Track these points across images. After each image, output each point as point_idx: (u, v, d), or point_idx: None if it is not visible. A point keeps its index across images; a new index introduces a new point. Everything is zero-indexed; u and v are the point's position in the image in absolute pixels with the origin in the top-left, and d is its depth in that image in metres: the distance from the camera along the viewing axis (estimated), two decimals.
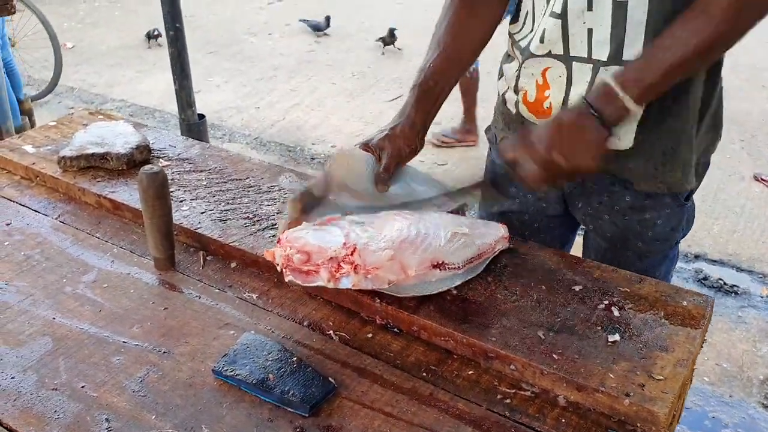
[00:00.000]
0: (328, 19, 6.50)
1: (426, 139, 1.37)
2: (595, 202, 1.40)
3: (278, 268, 1.13)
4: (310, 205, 1.24)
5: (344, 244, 1.09)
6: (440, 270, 1.14)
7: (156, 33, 6.20)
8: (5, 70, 4.19)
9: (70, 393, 1.00)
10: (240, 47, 6.34)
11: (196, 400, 0.99)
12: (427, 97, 1.34)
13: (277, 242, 1.14)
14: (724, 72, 1.35)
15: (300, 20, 6.67)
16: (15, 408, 0.97)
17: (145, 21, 6.73)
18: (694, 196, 1.42)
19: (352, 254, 1.08)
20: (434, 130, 4.56)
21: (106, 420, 0.96)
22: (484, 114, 4.66)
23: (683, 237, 1.45)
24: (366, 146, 1.32)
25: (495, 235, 1.25)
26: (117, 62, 5.94)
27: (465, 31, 1.37)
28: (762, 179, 3.95)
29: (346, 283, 1.09)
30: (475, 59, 1.42)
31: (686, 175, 1.32)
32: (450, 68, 1.37)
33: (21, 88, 4.48)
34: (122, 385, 1.01)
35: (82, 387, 1.01)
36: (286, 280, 1.12)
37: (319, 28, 6.52)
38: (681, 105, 1.25)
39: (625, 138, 1.26)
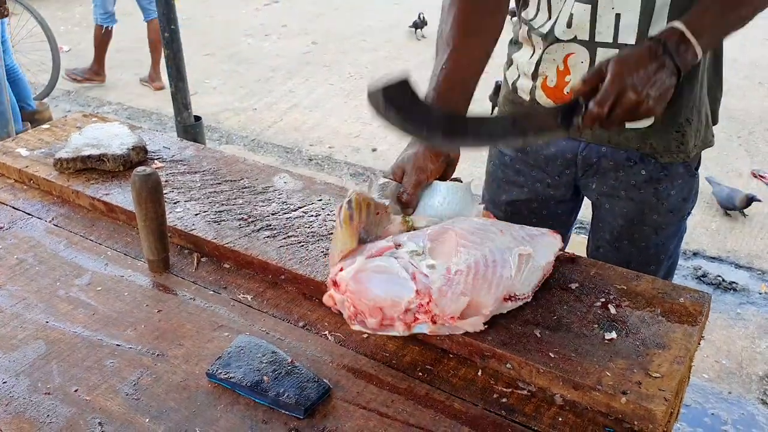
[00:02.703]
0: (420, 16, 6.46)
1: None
2: (611, 179, 1.43)
3: (341, 312, 1.08)
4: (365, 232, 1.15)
5: (417, 291, 1.02)
6: (511, 302, 1.09)
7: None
8: (10, 77, 4.19)
9: (63, 397, 0.99)
10: (237, 49, 6.33)
11: (190, 403, 0.98)
12: (445, 103, 1.24)
13: (333, 285, 1.07)
14: (723, 70, 1.37)
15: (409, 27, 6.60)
16: (7, 413, 0.96)
17: (141, 24, 6.72)
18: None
19: (428, 304, 1.02)
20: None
21: (99, 424, 0.95)
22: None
23: (692, 209, 1.49)
24: (392, 171, 1.24)
25: (554, 249, 1.19)
26: (113, 65, 5.92)
27: (474, 27, 1.29)
28: (760, 176, 3.94)
29: (422, 329, 1.04)
30: (488, 56, 1.32)
31: (699, 141, 1.38)
32: (462, 69, 1.27)
33: (30, 96, 4.46)
34: (115, 389, 1.01)
35: (75, 391, 1.00)
36: (353, 328, 1.07)
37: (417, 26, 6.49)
38: (692, 78, 1.30)
39: None
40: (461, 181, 1.26)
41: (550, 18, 1.32)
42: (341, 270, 1.07)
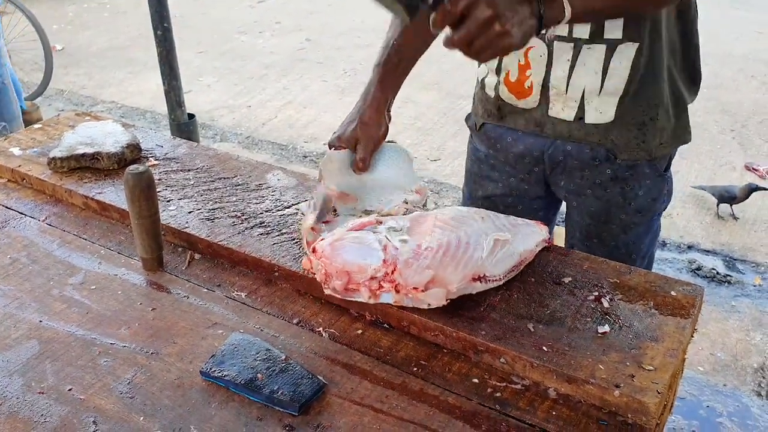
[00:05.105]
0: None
1: None
2: (577, 178, 1.44)
3: (318, 278, 1.13)
4: (322, 213, 1.27)
5: (384, 261, 1.07)
6: (481, 282, 1.10)
7: None
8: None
9: (57, 396, 0.99)
10: (230, 46, 6.31)
11: (185, 401, 0.98)
12: (391, 76, 1.38)
13: (312, 251, 1.12)
14: (716, 63, 1.37)
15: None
16: (1, 413, 0.96)
17: (135, 22, 6.71)
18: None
19: (392, 272, 1.07)
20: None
21: (94, 422, 0.95)
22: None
23: (664, 209, 1.49)
24: (339, 140, 1.35)
25: (536, 239, 1.21)
26: (107, 64, 5.91)
27: None
28: (753, 169, 3.95)
29: (387, 299, 1.09)
30: (434, 36, 1.37)
31: (665, 140, 1.38)
32: (412, 45, 1.40)
33: (20, 96, 4.44)
34: (110, 387, 1.01)
35: (69, 390, 1.00)
36: (326, 292, 1.12)
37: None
38: (656, 77, 1.31)
39: (606, 112, 1.32)
40: (395, 143, 1.44)
41: None
42: (322, 240, 1.14)
